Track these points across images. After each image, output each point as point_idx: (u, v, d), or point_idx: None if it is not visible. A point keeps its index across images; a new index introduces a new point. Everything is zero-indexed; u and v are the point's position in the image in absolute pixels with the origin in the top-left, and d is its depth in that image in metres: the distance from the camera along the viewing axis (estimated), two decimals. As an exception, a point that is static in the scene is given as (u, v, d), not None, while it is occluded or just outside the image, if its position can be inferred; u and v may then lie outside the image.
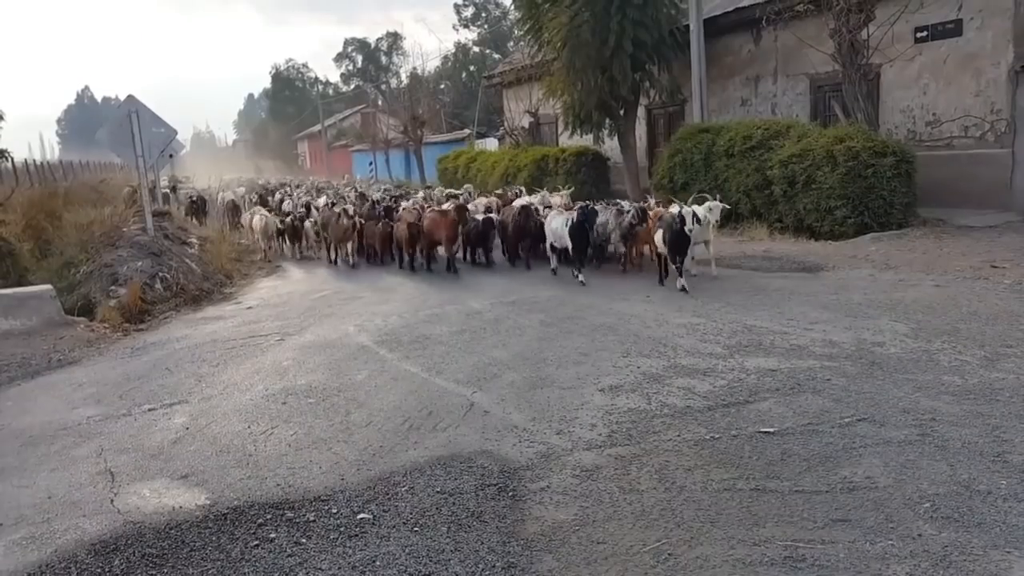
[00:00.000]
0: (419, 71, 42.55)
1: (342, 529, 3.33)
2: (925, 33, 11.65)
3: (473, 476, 3.75)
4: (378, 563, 3.03)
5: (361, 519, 3.40)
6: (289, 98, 69.10)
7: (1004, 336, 5.55)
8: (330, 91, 65.48)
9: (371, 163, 37.78)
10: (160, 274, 9.61)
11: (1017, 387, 4.55)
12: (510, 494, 3.55)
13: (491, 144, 27.36)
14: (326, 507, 3.53)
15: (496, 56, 46.29)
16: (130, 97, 11.42)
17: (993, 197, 10.91)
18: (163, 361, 6.54)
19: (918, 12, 11.21)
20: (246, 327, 7.75)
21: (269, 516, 3.49)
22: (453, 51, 51.46)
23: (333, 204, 13.42)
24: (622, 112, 15.52)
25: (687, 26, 14.14)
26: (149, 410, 5.20)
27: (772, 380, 4.90)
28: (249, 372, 5.99)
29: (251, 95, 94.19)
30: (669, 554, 2.98)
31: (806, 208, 10.79)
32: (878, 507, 3.25)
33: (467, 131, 32.15)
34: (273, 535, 3.32)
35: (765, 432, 4.07)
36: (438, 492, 3.61)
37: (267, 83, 74.72)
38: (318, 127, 53.02)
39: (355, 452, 4.17)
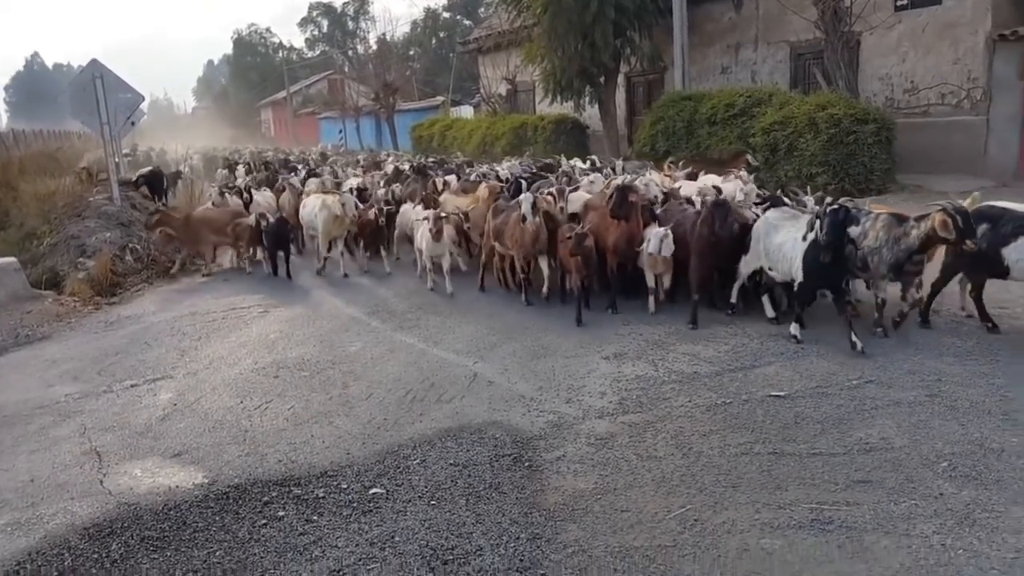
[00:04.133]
0: (388, 37, 41.37)
1: (355, 505, 3.20)
2: (906, 1, 11.63)
3: (486, 447, 3.64)
4: (397, 538, 2.92)
5: (374, 494, 3.28)
6: (251, 64, 66.64)
7: (994, 298, 5.59)
8: (295, 56, 63.33)
9: (340, 131, 36.83)
10: (130, 245, 9.20)
11: (1015, 347, 4.60)
12: (526, 464, 3.46)
13: (466, 112, 26.84)
14: (335, 483, 3.40)
15: (467, 23, 45.24)
16: (94, 61, 10.76)
17: (968, 163, 11.03)
18: (141, 335, 6.26)
19: (900, -21, 11.19)
20: (226, 299, 7.46)
21: (275, 493, 3.35)
22: (423, 16, 50.12)
23: (502, 192, 7.50)
24: (602, 79, 15.30)
25: (669, -9, 13.89)
26: (131, 386, 4.97)
27: (775, 344, 4.88)
28: (235, 345, 5.76)
29: (211, 61, 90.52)
30: (695, 520, 2.93)
31: (787, 175, 10.79)
32: (897, 467, 3.24)
33: (441, 99, 31.48)
34: (281, 513, 3.18)
35: (775, 396, 4.04)
36: (451, 464, 3.50)
37: (228, 49, 72.04)
38: (283, 94, 51.30)
39: (358, 426, 4.02)
